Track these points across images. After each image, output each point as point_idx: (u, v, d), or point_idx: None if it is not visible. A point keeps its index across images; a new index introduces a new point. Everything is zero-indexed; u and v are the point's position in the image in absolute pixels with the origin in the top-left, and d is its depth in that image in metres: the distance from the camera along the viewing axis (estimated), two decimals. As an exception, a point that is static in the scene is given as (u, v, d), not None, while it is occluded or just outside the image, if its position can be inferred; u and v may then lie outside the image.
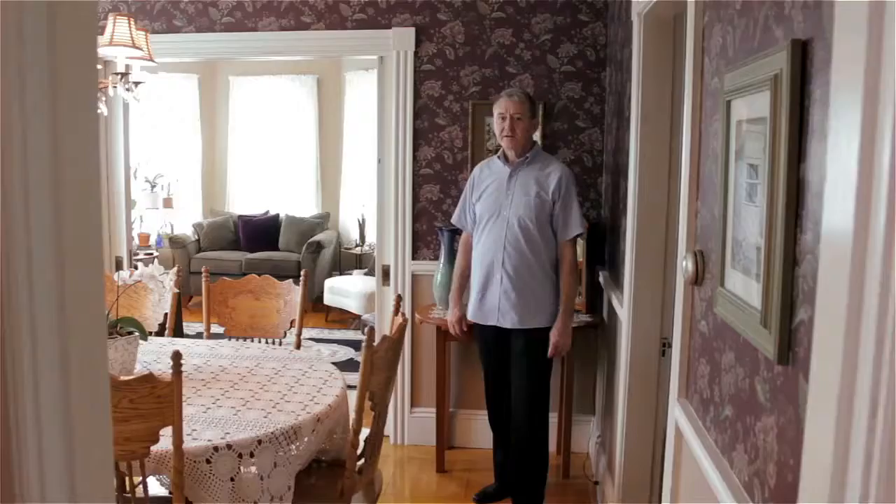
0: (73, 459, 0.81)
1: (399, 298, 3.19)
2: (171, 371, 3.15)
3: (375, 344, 2.64)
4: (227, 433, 2.56)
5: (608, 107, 4.30)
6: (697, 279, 1.93)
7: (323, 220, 9.35)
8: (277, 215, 9.45)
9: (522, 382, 3.67)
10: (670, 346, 3.05)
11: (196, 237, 9.23)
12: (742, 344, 1.56)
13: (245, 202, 9.88)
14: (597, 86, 4.38)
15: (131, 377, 2.26)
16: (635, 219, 3.05)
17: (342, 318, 8.21)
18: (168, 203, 9.44)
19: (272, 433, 2.59)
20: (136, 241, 9.19)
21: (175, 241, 8.92)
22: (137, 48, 2.88)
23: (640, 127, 3.00)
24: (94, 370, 0.87)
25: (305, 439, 2.71)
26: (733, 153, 1.61)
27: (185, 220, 9.62)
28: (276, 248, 9.12)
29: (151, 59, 3.11)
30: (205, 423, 2.64)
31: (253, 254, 8.95)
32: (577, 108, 4.41)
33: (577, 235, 3.67)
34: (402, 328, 2.87)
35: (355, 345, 7.14)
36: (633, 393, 3.17)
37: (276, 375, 3.19)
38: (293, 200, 9.71)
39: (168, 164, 9.57)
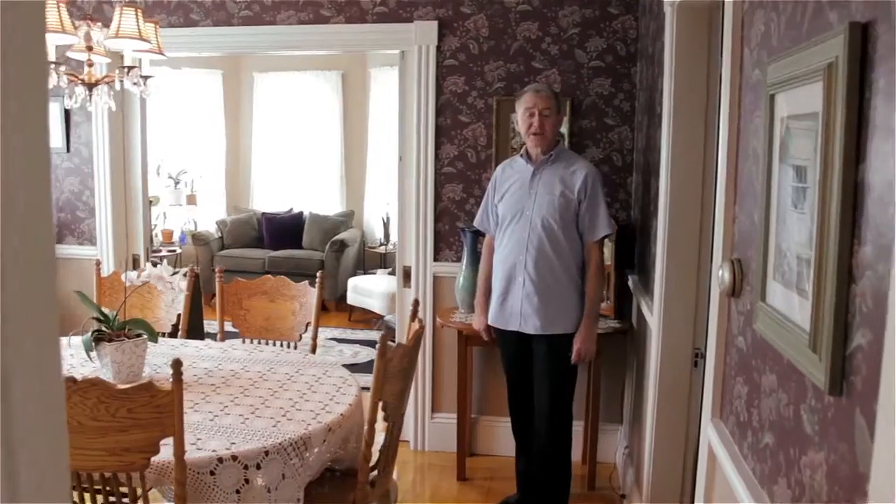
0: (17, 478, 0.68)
1: (416, 303, 3.05)
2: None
3: (389, 352, 2.50)
4: (234, 443, 2.44)
5: (638, 103, 4.13)
6: (735, 290, 1.77)
7: (347, 219, 9.25)
8: (301, 213, 9.36)
9: (545, 390, 3.52)
10: (702, 356, 2.90)
11: (219, 234, 9.16)
12: (786, 366, 1.40)
13: (269, 199, 9.81)
14: (627, 82, 4.21)
15: (129, 385, 2.14)
16: (666, 221, 2.89)
17: (365, 317, 8.10)
18: (192, 199, 9.38)
19: (280, 444, 2.46)
20: (160, 238, 9.15)
21: (198, 238, 8.86)
22: (145, 40, 2.76)
23: (673, 124, 2.83)
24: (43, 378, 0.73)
25: (316, 450, 2.58)
26: (777, 153, 1.45)
27: (209, 216, 9.56)
28: (299, 247, 9.03)
29: (161, 53, 3.00)
30: (211, 432, 2.52)
31: (276, 252, 8.86)
32: (606, 104, 4.24)
33: (605, 237, 3.51)
34: (417, 335, 2.73)
35: (378, 345, 7.01)
36: (663, 405, 3.00)
37: (289, 381, 3.06)
38: (317, 198, 9.62)
39: (192, 161, 9.51)
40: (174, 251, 9.00)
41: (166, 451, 2.23)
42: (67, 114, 4.76)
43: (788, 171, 1.38)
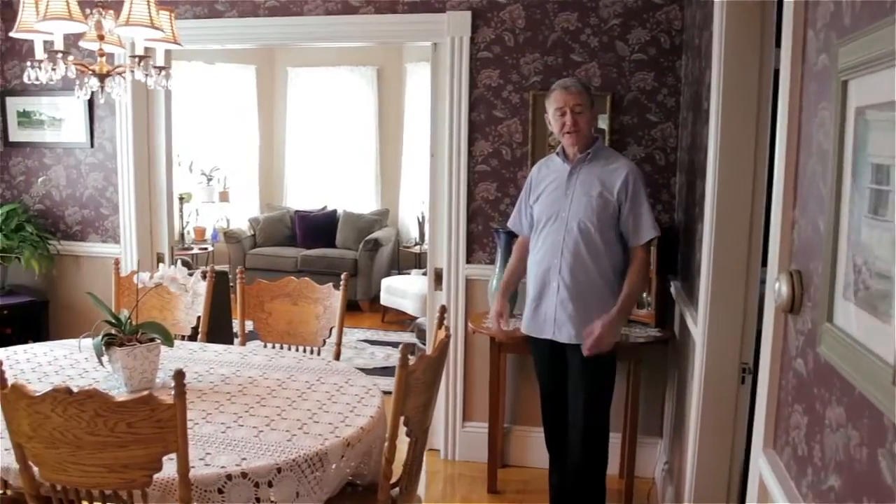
0: None
1: (443, 310, 2.86)
2: (191, 383, 2.93)
3: (411, 363, 2.32)
4: (244, 459, 2.28)
5: (683, 99, 3.90)
6: (793, 306, 1.56)
7: (381, 217, 9.10)
8: (335, 211, 9.23)
9: (579, 402, 3.32)
10: (750, 372, 2.69)
11: (252, 232, 9.07)
12: (857, 400, 1.19)
13: (302, 197, 9.70)
14: (671, 75, 3.98)
15: (128, 398, 1.99)
16: (713, 226, 2.67)
17: (399, 319, 7.94)
18: (224, 197, 9.30)
19: (294, 460, 2.30)
20: (192, 235, 9.09)
21: (230, 236, 8.77)
22: (157, 29, 2.61)
23: (721, 121, 2.61)
24: None
25: (333, 466, 2.41)
26: (849, 150, 1.24)
27: (242, 214, 9.48)
28: (332, 246, 8.90)
29: (176, 42, 2.84)
30: (221, 446, 2.37)
31: (309, 250, 8.74)
32: (649, 100, 4.02)
33: (651, 240, 3.29)
34: (443, 345, 2.55)
35: (412, 348, 6.83)
36: (707, 423, 2.79)
37: (309, 390, 2.90)
38: (351, 196, 9.49)
39: (225, 157, 9.43)
40: (206, 249, 8.93)
41: (171, 467, 2.07)
42: (91, 108, 4.66)
43: (865, 170, 1.17)
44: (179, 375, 1.99)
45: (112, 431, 1.99)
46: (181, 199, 8.79)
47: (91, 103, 4.63)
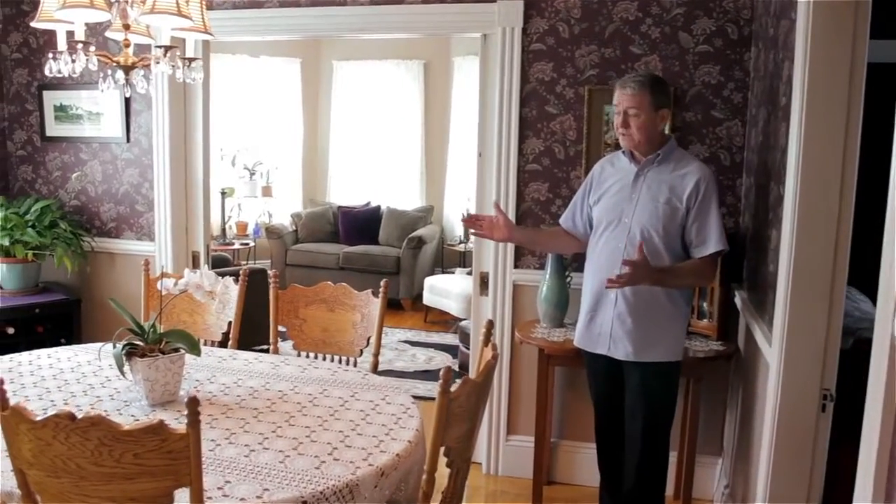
0: None
1: (490, 325, 2.61)
2: (217, 396, 2.74)
3: (454, 388, 2.08)
4: (266, 490, 2.06)
5: (752, 94, 3.59)
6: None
7: (426, 214, 8.88)
8: (378, 207, 9.03)
9: (637, 427, 3.05)
10: (832, 399, 2.41)
11: (294, 228, 8.92)
12: None
13: (346, 192, 9.52)
14: (739, 69, 3.67)
15: (135, 426, 1.77)
16: (793, 236, 2.38)
17: (442, 318, 7.71)
18: (267, 192, 9.15)
19: (321, 492, 2.07)
20: (234, 230, 8.98)
21: (272, 232, 8.63)
22: (185, 17, 2.40)
23: (805, 118, 2.32)
24: None
25: (365, 496, 2.18)
26: None
27: (285, 209, 9.34)
28: (375, 242, 8.70)
29: (207, 32, 2.64)
30: (243, 474, 2.15)
31: (351, 247, 8.56)
32: (714, 95, 3.72)
33: (717, 254, 2.98)
34: (489, 368, 2.30)
35: (454, 351, 6.62)
36: (782, 454, 2.51)
37: (342, 408, 2.67)
38: (396, 192, 9.30)
39: (268, 152, 9.29)
40: (247, 244, 8.80)
41: (184, 497, 1.86)
42: (128, 102, 4.50)
43: None
44: (193, 402, 1.78)
45: (118, 462, 1.79)
46: (223, 193, 8.68)
47: (128, 97, 4.47)
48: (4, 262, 4.42)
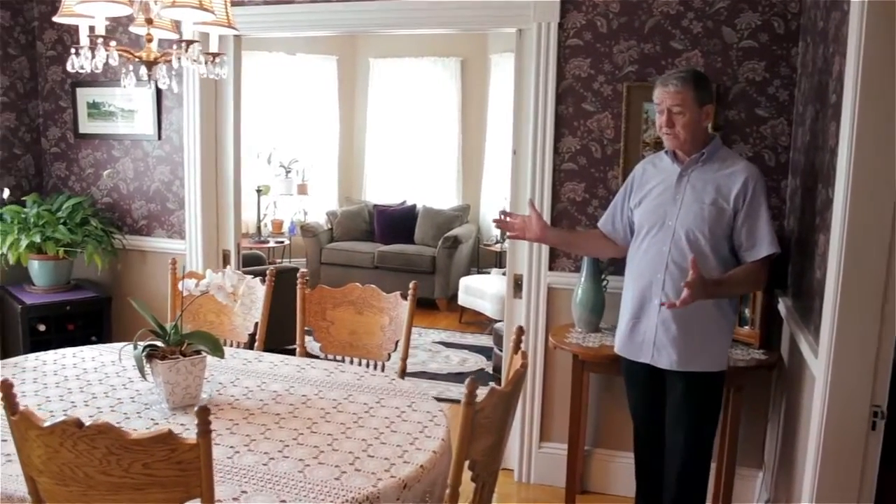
0: None
1: (521, 332, 2.50)
2: (240, 400, 2.66)
3: (479, 399, 1.98)
4: (283, 502, 1.98)
5: (799, 91, 3.44)
6: None
7: (462, 213, 8.78)
8: (414, 206, 8.95)
9: (679, 438, 2.92)
10: (884, 416, 2.27)
11: (329, 226, 8.88)
12: None
13: (382, 191, 9.47)
14: (785, 65, 3.51)
15: (143, 436, 1.70)
16: (843, 242, 2.24)
17: (477, 319, 7.61)
18: (303, 189, 9.11)
19: (340, 505, 1.99)
20: (270, 228, 8.96)
21: (307, 230, 8.59)
22: (207, 11, 2.33)
23: (858, 117, 2.18)
24: None
25: (387, 509, 2.09)
26: None
27: (320, 207, 9.31)
28: (411, 242, 8.62)
29: (231, 27, 2.56)
30: (260, 484, 2.07)
31: (387, 246, 8.48)
32: (759, 92, 3.56)
33: (768, 257, 2.83)
34: (518, 377, 2.19)
35: (488, 353, 6.51)
36: (828, 472, 2.36)
37: (367, 414, 2.59)
38: (432, 191, 9.22)
39: (304, 149, 9.25)
40: (282, 242, 8.78)
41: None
42: (159, 99, 4.46)
43: None
44: (203, 412, 1.70)
45: (127, 472, 1.72)
46: (259, 191, 8.67)
47: (159, 94, 4.45)
48: (36, 258, 4.41)
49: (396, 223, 8.77)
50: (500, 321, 6.27)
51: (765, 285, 3.03)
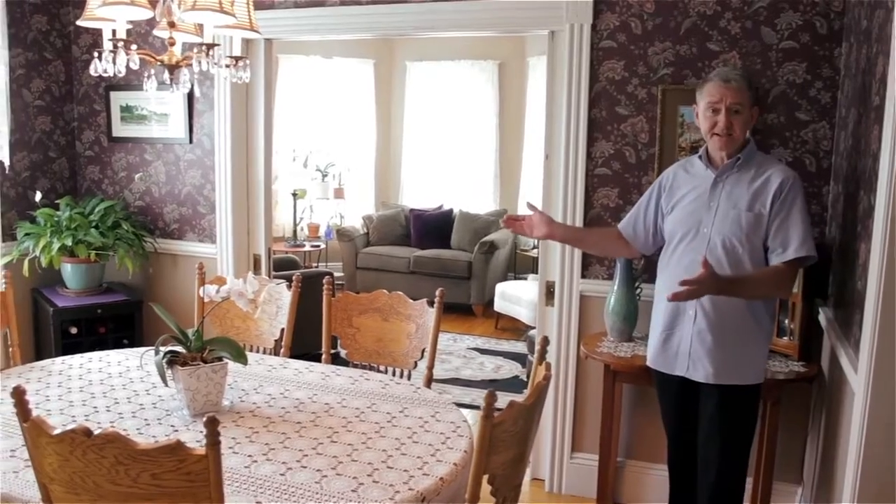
0: None
1: (545, 342, 2.42)
2: (261, 407, 2.63)
3: (497, 413, 1.91)
4: (298, 514, 1.94)
5: (842, 94, 3.31)
6: None
7: (499, 218, 8.69)
8: (451, 210, 8.89)
9: (712, 452, 2.82)
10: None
11: (365, 230, 8.85)
12: None
13: (418, 195, 9.43)
14: (828, 66, 3.39)
15: (151, 446, 1.66)
16: (884, 251, 2.13)
17: (513, 325, 7.53)
18: (339, 193, 9.11)
19: (356, 518, 1.94)
20: (306, 232, 8.97)
21: (342, 234, 8.58)
22: (228, 14, 2.29)
23: (901, 119, 2.08)
24: None
25: (405, 523, 2.04)
26: None
27: (357, 211, 9.30)
28: (447, 246, 8.56)
29: (253, 30, 2.53)
30: (276, 494, 2.03)
31: (423, 251, 8.43)
32: (800, 95, 3.45)
33: (798, 261, 2.68)
34: (540, 389, 2.12)
35: (523, 360, 6.43)
36: (868, 496, 2.25)
37: (389, 424, 2.54)
38: (468, 195, 9.15)
39: (341, 153, 9.26)
40: (318, 246, 8.79)
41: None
42: (191, 102, 4.47)
43: None
44: (212, 423, 1.66)
45: (135, 482, 1.69)
46: (295, 195, 8.68)
47: (191, 97, 4.45)
48: (69, 261, 4.43)
49: (433, 228, 8.72)
50: (534, 328, 6.19)
51: (790, 293, 2.91)
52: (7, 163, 4.27)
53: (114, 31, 2.41)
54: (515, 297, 7.26)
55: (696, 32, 3.54)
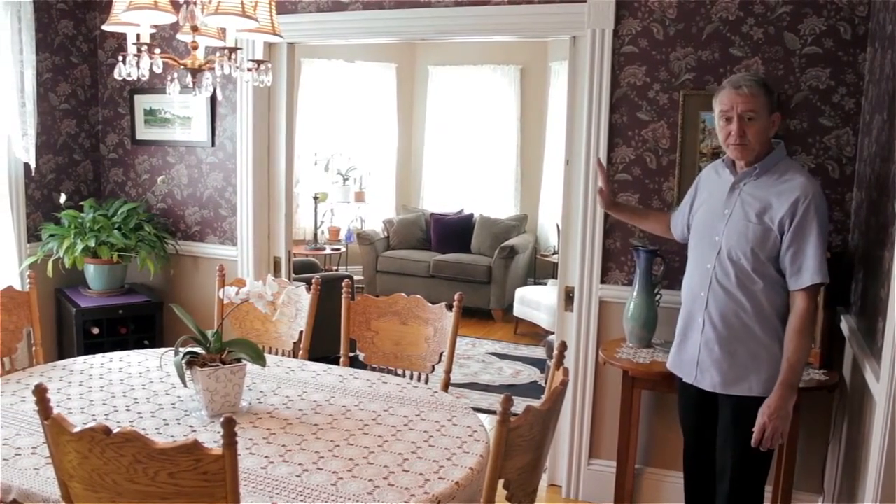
0: None
1: (563, 347, 2.42)
2: (279, 409, 2.64)
3: (514, 417, 1.91)
4: (314, 516, 1.94)
5: (866, 100, 3.28)
6: None
7: (520, 223, 8.68)
8: (471, 215, 8.89)
9: (727, 461, 2.79)
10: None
11: (385, 234, 8.87)
12: None
13: (439, 199, 9.43)
14: (851, 72, 3.36)
15: (169, 445, 1.68)
16: (907, 259, 2.12)
17: (532, 331, 7.51)
18: (360, 197, 9.14)
19: (371, 520, 1.94)
20: (327, 235, 9.00)
21: (363, 238, 8.60)
22: (250, 18, 2.31)
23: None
24: None
25: (419, 525, 2.04)
26: None
27: (377, 215, 9.32)
28: (467, 251, 8.56)
29: (275, 34, 2.55)
30: (291, 496, 2.04)
31: (443, 255, 8.43)
32: (823, 101, 3.42)
33: (815, 287, 2.61)
34: (557, 394, 2.11)
35: (542, 365, 6.42)
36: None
37: (406, 427, 2.54)
38: (489, 200, 9.15)
39: (362, 157, 9.28)
40: (339, 249, 8.81)
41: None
42: (214, 106, 4.50)
43: None
44: (228, 423, 1.67)
45: (153, 481, 1.70)
46: (316, 198, 8.72)
47: (214, 101, 4.48)
48: (91, 262, 4.48)
49: (453, 232, 8.72)
50: (554, 333, 6.17)
51: (815, 319, 2.81)
52: (34, 165, 4.32)
53: (138, 36, 2.44)
54: (535, 301, 7.25)
55: (719, 38, 3.53)
